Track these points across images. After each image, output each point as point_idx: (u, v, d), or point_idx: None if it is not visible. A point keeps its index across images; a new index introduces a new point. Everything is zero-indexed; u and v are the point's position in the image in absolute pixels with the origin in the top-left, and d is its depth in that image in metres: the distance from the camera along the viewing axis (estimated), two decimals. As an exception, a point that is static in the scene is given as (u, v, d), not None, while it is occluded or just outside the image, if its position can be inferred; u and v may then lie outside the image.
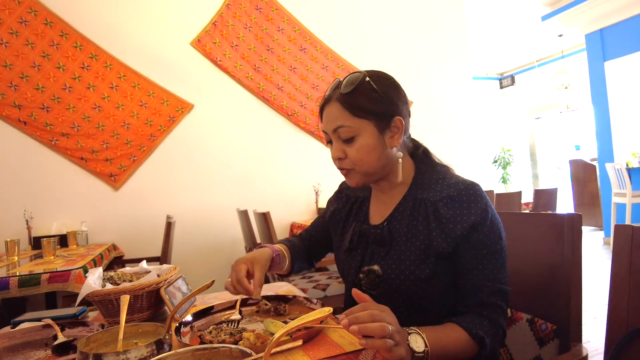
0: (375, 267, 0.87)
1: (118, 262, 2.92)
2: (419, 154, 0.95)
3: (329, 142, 0.92)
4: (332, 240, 1.07)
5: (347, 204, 1.04)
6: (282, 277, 2.23)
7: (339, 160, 0.89)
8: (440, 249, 0.81)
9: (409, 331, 0.70)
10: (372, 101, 0.85)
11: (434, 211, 0.84)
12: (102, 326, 0.87)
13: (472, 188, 0.83)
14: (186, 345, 0.71)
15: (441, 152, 0.98)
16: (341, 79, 0.89)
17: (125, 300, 0.76)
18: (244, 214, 2.95)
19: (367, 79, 0.86)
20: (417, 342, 0.70)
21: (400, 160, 0.90)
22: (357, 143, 0.85)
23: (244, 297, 1.02)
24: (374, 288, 0.86)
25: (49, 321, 0.88)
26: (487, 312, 0.79)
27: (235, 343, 0.71)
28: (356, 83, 0.85)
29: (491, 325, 0.78)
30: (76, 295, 1.02)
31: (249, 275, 0.90)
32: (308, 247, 1.14)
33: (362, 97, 0.85)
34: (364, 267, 0.89)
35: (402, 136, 0.89)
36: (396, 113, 0.87)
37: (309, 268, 1.17)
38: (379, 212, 0.95)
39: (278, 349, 0.70)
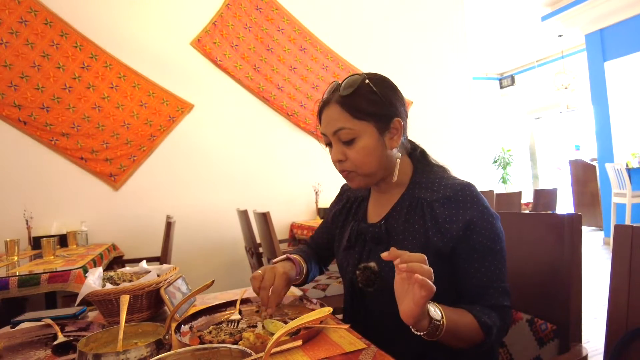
0: (372, 264, 0.87)
1: (118, 262, 2.91)
2: (416, 154, 0.96)
3: (328, 145, 0.92)
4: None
5: (347, 204, 1.06)
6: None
7: (339, 163, 0.89)
8: (437, 248, 0.82)
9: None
10: (372, 103, 0.86)
11: (430, 210, 0.85)
12: (102, 326, 0.87)
13: (468, 189, 0.84)
14: (186, 345, 0.71)
15: (441, 152, 0.99)
16: (339, 82, 0.89)
17: (125, 300, 0.76)
18: (244, 214, 2.94)
19: (367, 81, 0.86)
20: (436, 311, 0.71)
21: (398, 161, 0.90)
22: (358, 145, 0.85)
23: (244, 296, 1.02)
24: (369, 285, 0.86)
25: (49, 321, 0.88)
26: (497, 311, 0.80)
27: (235, 343, 0.71)
28: (355, 85, 0.85)
29: (498, 319, 0.80)
30: (76, 295, 1.02)
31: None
32: (317, 254, 1.15)
33: (361, 100, 0.85)
34: (361, 264, 0.89)
35: (401, 137, 0.89)
36: (395, 114, 0.88)
37: (320, 274, 1.17)
38: (376, 212, 0.96)
39: (278, 349, 0.70)
